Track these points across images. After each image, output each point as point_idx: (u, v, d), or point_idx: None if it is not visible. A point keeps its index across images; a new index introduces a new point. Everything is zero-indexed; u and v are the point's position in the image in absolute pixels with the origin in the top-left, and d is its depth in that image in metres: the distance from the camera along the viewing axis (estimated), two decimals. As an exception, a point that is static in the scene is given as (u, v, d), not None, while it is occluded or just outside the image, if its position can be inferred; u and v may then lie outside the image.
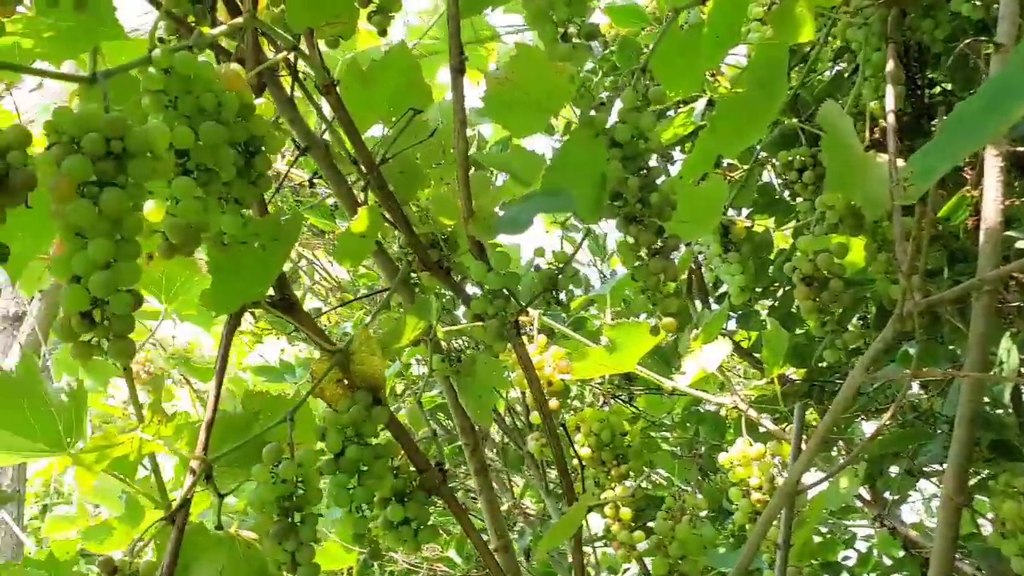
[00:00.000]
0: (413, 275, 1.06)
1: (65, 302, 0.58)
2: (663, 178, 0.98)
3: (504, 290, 0.95)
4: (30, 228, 0.80)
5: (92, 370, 2.21)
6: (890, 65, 1.03)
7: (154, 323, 1.61)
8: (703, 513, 1.96)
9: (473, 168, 1.02)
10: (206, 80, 0.72)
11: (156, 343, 3.08)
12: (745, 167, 1.61)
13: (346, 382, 0.95)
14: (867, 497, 1.78)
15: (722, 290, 1.79)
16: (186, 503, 0.87)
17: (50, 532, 1.66)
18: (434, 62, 2.01)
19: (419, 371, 2.12)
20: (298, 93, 1.10)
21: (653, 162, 0.97)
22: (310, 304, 2.38)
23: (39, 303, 2.59)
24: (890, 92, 1.01)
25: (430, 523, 0.98)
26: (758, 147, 1.55)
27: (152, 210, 0.71)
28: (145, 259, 0.78)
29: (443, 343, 1.22)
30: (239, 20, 0.81)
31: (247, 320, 2.97)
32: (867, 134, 1.15)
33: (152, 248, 0.74)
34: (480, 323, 0.96)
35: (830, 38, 1.49)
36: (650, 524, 1.22)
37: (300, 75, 1.08)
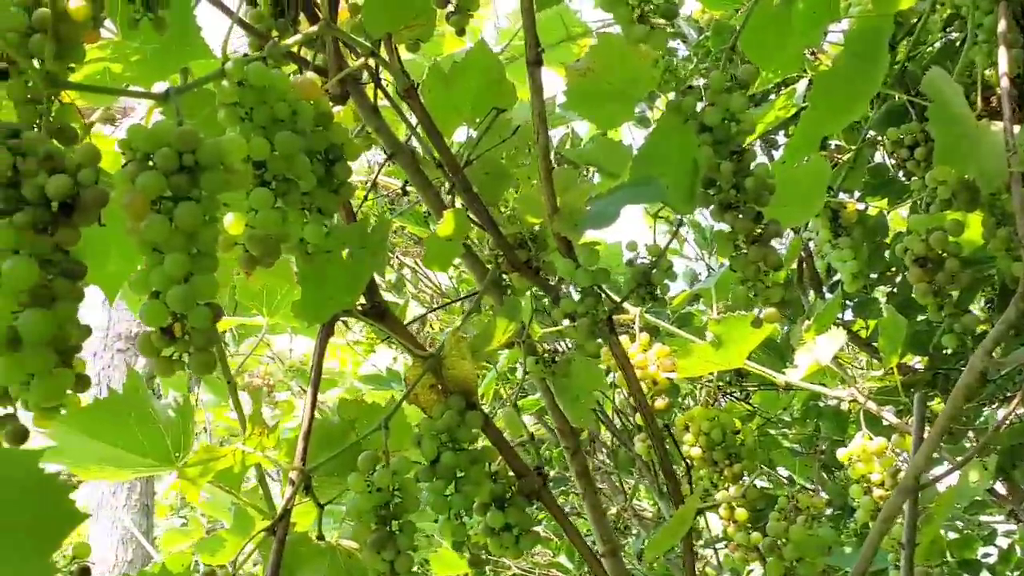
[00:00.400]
0: (504, 277, 1.04)
1: (145, 317, 0.59)
2: (759, 161, 0.93)
3: (594, 287, 0.93)
4: (124, 247, 0.81)
5: (212, 384, 2.29)
6: (1002, 26, 0.95)
7: (268, 336, 1.64)
8: (827, 511, 1.88)
9: (560, 164, 1.00)
10: (280, 90, 0.71)
11: (274, 356, 3.17)
12: (853, 147, 1.53)
13: (439, 387, 0.94)
14: (1004, 491, 1.66)
15: (836, 278, 1.70)
16: (286, 514, 0.87)
17: (166, 545, 1.71)
18: (523, 65, 1.99)
19: (522, 374, 2.11)
20: (384, 101, 1.10)
21: (747, 145, 0.92)
22: (414, 310, 2.40)
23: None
24: (1003, 56, 0.94)
25: (532, 528, 0.95)
26: (865, 126, 1.47)
27: (232, 223, 0.72)
28: (244, 273, 0.79)
29: (543, 344, 1.20)
30: (314, 29, 0.81)
31: (358, 330, 3.03)
32: (980, 103, 1.06)
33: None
34: (572, 323, 0.93)
35: (938, 5, 1.40)
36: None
37: (384, 82, 1.08)
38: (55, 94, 0.61)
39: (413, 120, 1.06)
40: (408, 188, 1.37)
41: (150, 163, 0.60)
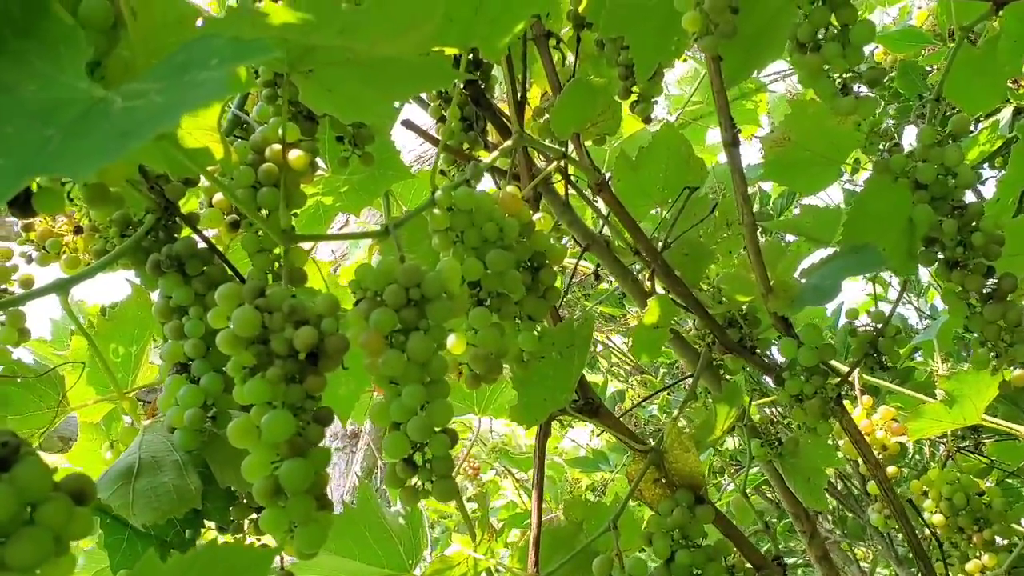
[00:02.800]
0: (716, 359, 1.01)
1: (387, 450, 0.60)
2: (981, 214, 0.86)
3: (820, 365, 0.88)
4: (353, 372, 0.85)
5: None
6: None
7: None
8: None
9: (761, 236, 0.97)
10: (487, 210, 0.73)
11: (477, 440, 3.23)
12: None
13: (664, 481, 0.91)
14: None
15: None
16: (525, 621, 0.86)
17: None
18: (700, 127, 1.97)
19: (732, 442, 2.04)
20: (571, 191, 1.11)
21: (967, 198, 0.86)
22: (611, 388, 2.39)
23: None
24: None
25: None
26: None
27: (455, 344, 0.73)
28: (455, 376, 0.81)
29: (758, 415, 1.15)
30: (509, 143, 0.83)
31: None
32: None
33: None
34: (798, 404, 0.89)
35: None
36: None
37: (571, 175, 1.09)
38: (288, 244, 0.65)
39: (603, 208, 1.06)
40: (600, 274, 1.37)
41: (379, 300, 0.62)
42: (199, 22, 0.62)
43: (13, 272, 0.82)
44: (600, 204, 1.12)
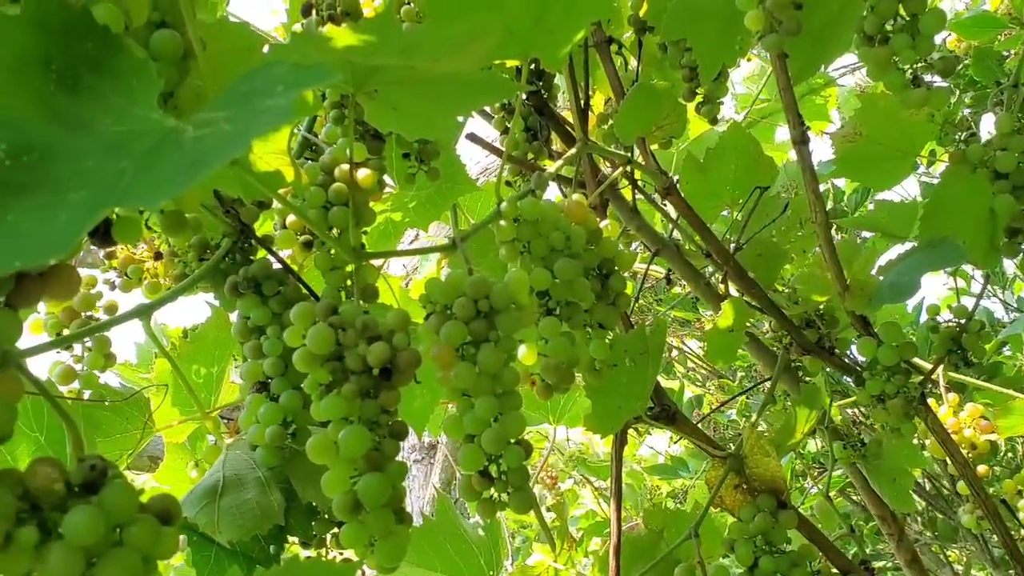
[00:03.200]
0: (794, 361, 0.99)
1: (462, 462, 0.61)
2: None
3: (902, 363, 0.86)
4: (426, 385, 0.86)
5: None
6: None
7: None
8: None
9: (835, 233, 0.95)
10: (553, 220, 0.73)
11: (553, 449, 3.22)
12: None
13: (744, 486, 0.90)
14: None
15: None
16: (608, 631, 0.86)
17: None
18: (769, 126, 1.94)
19: (813, 445, 1.99)
20: (638, 196, 1.10)
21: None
22: (688, 393, 2.36)
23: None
24: None
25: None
26: None
27: (525, 354, 0.73)
28: (529, 386, 0.81)
29: (839, 416, 1.12)
30: (573, 151, 0.82)
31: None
32: None
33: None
34: (880, 405, 0.87)
35: None
36: None
37: (638, 180, 1.09)
38: (358, 261, 0.66)
39: (672, 212, 1.05)
40: (671, 278, 1.35)
41: (449, 313, 0.62)
42: (266, 49, 0.64)
43: (98, 299, 0.85)
44: (669, 208, 1.11)
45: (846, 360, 0.96)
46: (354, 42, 0.50)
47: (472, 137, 1.05)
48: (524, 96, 1.02)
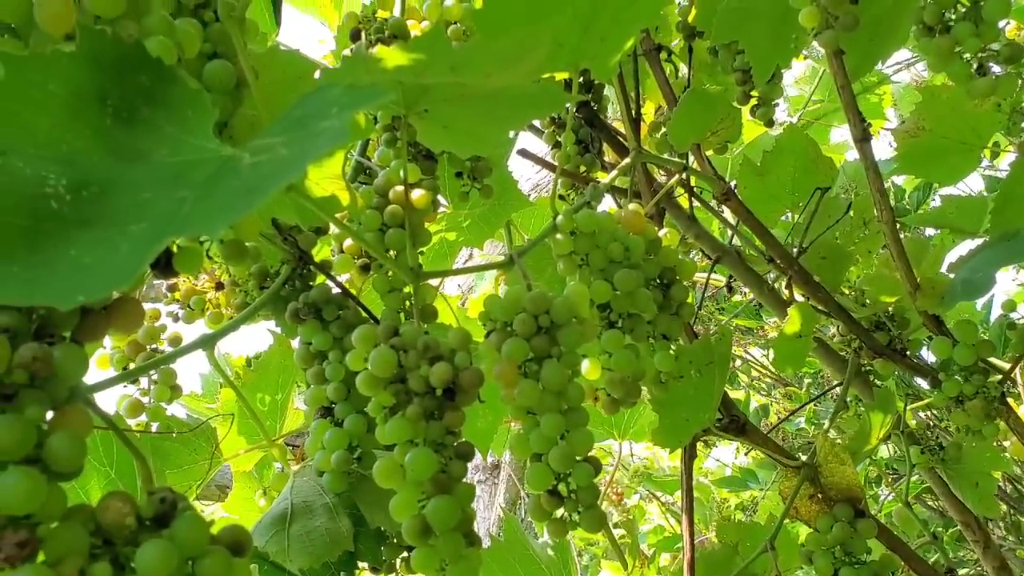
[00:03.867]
0: (865, 364, 0.96)
1: (530, 482, 0.59)
2: None
3: (979, 363, 0.82)
4: (490, 404, 0.85)
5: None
6: None
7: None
8: None
9: (900, 232, 0.92)
10: (610, 231, 0.72)
11: (618, 464, 3.19)
12: None
13: (820, 496, 0.87)
14: None
15: None
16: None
17: None
18: (824, 126, 1.90)
19: (886, 449, 1.93)
20: (695, 203, 1.08)
21: None
22: (753, 403, 2.31)
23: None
24: None
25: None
26: None
27: (589, 369, 0.72)
28: (593, 401, 0.79)
29: (913, 420, 1.09)
30: (627, 161, 0.81)
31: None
32: None
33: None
34: (959, 406, 0.83)
35: None
36: None
37: (694, 187, 1.07)
38: (416, 282, 0.65)
39: (731, 217, 1.03)
40: (732, 285, 1.33)
41: (510, 330, 0.62)
42: (317, 75, 0.64)
43: (162, 332, 0.86)
44: (727, 214, 1.09)
45: (919, 362, 0.92)
46: (404, 62, 0.50)
47: (524, 153, 1.04)
48: (574, 108, 1.01)
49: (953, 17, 0.68)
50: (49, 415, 0.35)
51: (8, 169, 0.35)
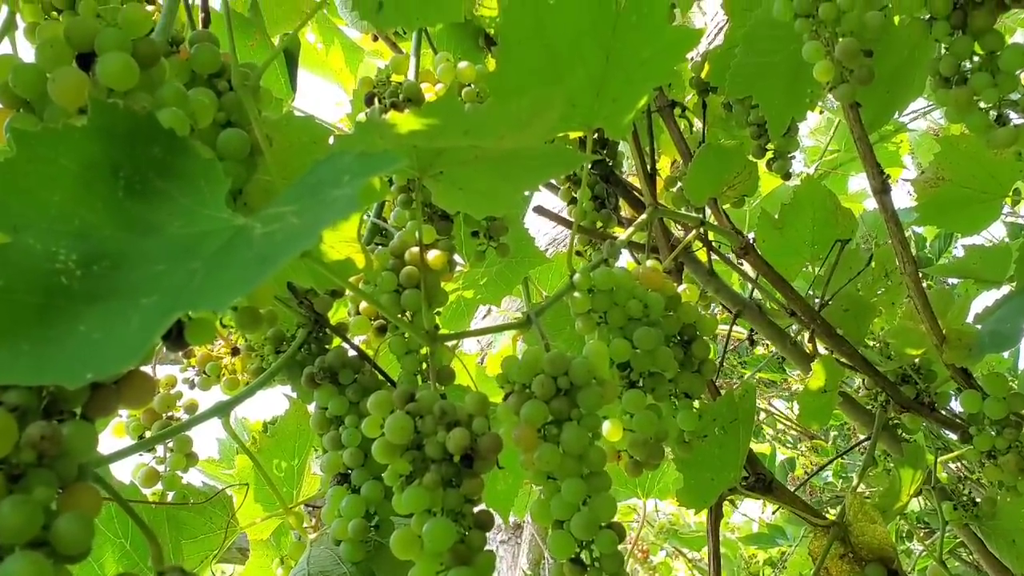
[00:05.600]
0: (890, 417, 0.94)
1: (552, 549, 0.58)
2: None
3: (1011, 416, 0.80)
4: (509, 467, 0.83)
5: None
6: None
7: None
8: None
9: (923, 281, 0.90)
10: (628, 288, 0.71)
11: (644, 521, 3.14)
12: None
13: (851, 555, 0.85)
14: None
15: None
16: None
17: None
18: (841, 176, 1.90)
19: (916, 502, 1.89)
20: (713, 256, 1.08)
21: None
22: (779, 456, 2.27)
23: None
24: None
25: None
26: None
27: (610, 431, 0.71)
28: (615, 460, 0.78)
29: (943, 472, 1.06)
30: (643, 217, 0.81)
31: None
32: None
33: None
34: (991, 461, 0.81)
35: None
36: None
37: (712, 241, 1.06)
38: (433, 345, 0.65)
39: (749, 270, 1.02)
40: (754, 339, 1.31)
41: (528, 391, 0.60)
42: (331, 140, 0.65)
43: (177, 399, 0.86)
44: (746, 267, 1.08)
45: (948, 415, 0.90)
46: (418, 127, 0.50)
47: (539, 210, 1.04)
48: (589, 165, 1.01)
49: (970, 68, 0.67)
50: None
51: (20, 246, 0.35)
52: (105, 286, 0.36)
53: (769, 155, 0.96)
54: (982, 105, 0.66)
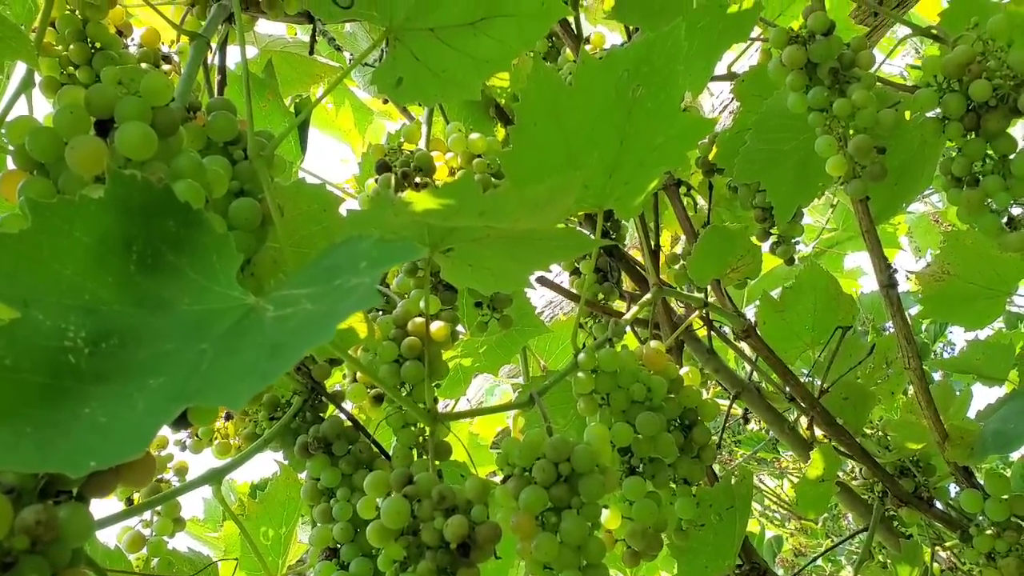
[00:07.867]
0: (887, 509, 0.93)
1: (548, 644, 0.56)
2: None
3: (1012, 518, 0.79)
4: (504, 550, 0.81)
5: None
6: None
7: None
8: None
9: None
10: (632, 370, 0.70)
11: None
12: None
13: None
14: None
15: None
16: None
17: None
18: (837, 255, 1.91)
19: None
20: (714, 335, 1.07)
21: None
22: (768, 533, 2.24)
23: None
24: None
25: None
26: None
27: (609, 518, 0.69)
28: (611, 544, 0.76)
29: (937, 563, 1.04)
30: (648, 297, 0.80)
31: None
32: None
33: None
34: (991, 563, 0.80)
35: None
36: None
37: (713, 319, 1.06)
38: (434, 424, 0.63)
39: (748, 351, 1.02)
40: (749, 417, 1.30)
41: (528, 476, 0.59)
42: (342, 209, 0.64)
43: (168, 460, 0.84)
44: (745, 347, 1.07)
45: (947, 512, 0.89)
46: (433, 206, 0.49)
47: (542, 280, 1.04)
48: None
49: (982, 169, 0.67)
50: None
51: (29, 322, 0.34)
52: (113, 365, 0.35)
53: (773, 239, 0.96)
54: (993, 207, 0.66)
